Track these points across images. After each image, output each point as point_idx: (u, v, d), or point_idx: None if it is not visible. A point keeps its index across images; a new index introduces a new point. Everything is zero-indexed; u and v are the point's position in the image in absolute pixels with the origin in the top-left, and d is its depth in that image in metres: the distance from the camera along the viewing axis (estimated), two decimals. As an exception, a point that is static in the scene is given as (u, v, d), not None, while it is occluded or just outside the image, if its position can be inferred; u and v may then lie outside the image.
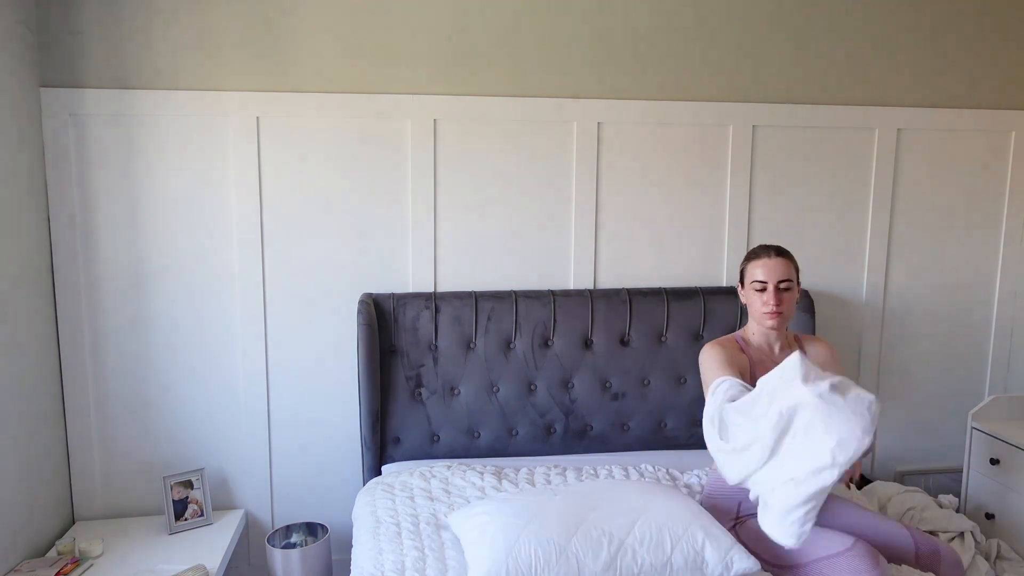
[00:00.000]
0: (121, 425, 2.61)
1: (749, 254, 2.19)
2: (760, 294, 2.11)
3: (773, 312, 2.09)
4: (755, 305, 2.13)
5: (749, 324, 2.21)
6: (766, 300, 2.09)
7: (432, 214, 2.67)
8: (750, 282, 2.13)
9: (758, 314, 2.12)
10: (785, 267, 2.11)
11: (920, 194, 2.95)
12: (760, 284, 2.10)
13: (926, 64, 2.88)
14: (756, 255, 2.15)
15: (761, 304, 2.10)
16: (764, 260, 2.12)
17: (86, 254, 2.53)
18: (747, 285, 2.15)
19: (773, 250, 2.14)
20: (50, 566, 2.21)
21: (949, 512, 2.56)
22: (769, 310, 2.09)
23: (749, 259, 2.17)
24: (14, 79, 2.29)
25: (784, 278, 2.10)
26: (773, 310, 2.09)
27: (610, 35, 2.68)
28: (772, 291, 2.09)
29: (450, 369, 2.61)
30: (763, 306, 2.10)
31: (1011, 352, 3.10)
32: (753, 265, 2.14)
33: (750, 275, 2.14)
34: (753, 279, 2.12)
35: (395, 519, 2.16)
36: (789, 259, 2.14)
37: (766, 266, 2.11)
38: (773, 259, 2.11)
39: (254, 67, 2.53)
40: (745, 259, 2.20)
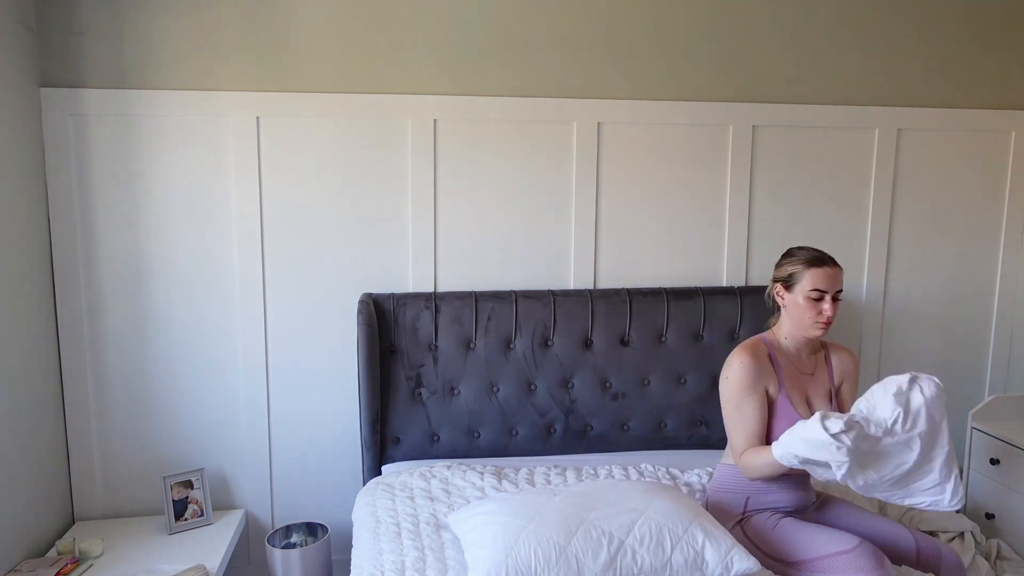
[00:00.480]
0: (121, 425, 2.61)
1: (805, 258, 2.06)
2: (815, 303, 2.02)
3: (826, 323, 2.03)
4: (805, 312, 2.04)
5: (782, 327, 2.12)
6: (823, 310, 2.02)
7: (432, 214, 2.67)
8: (808, 289, 2.02)
9: (807, 323, 2.04)
10: (841, 277, 2.05)
11: (920, 194, 2.95)
12: (819, 293, 2.02)
13: (926, 64, 2.88)
14: (818, 262, 2.04)
15: (816, 314, 2.02)
16: (826, 269, 2.03)
17: (86, 254, 2.53)
18: (797, 290, 2.05)
19: (831, 258, 2.06)
20: (50, 566, 2.21)
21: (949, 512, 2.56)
22: (824, 320, 2.02)
23: (806, 264, 2.04)
24: (14, 79, 2.29)
25: (840, 288, 2.05)
26: (828, 320, 2.02)
27: (610, 35, 2.69)
28: (830, 302, 2.02)
29: (450, 369, 2.61)
30: (818, 316, 2.02)
31: (1011, 352, 3.10)
32: (814, 272, 2.03)
33: (807, 282, 2.03)
34: (813, 287, 2.02)
35: (395, 519, 2.16)
36: (842, 269, 2.08)
37: (828, 275, 2.03)
38: (834, 268, 2.04)
39: (254, 67, 2.53)
40: (796, 261, 2.08)
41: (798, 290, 2.05)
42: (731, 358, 2.08)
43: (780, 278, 2.11)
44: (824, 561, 1.84)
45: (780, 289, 2.10)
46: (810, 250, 2.09)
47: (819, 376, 2.14)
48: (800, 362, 2.13)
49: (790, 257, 2.11)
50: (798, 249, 2.12)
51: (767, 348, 2.11)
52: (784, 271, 2.10)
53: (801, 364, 2.13)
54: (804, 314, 2.04)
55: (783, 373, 2.08)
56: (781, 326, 2.14)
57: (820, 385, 2.13)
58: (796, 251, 2.12)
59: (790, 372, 2.10)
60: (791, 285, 2.07)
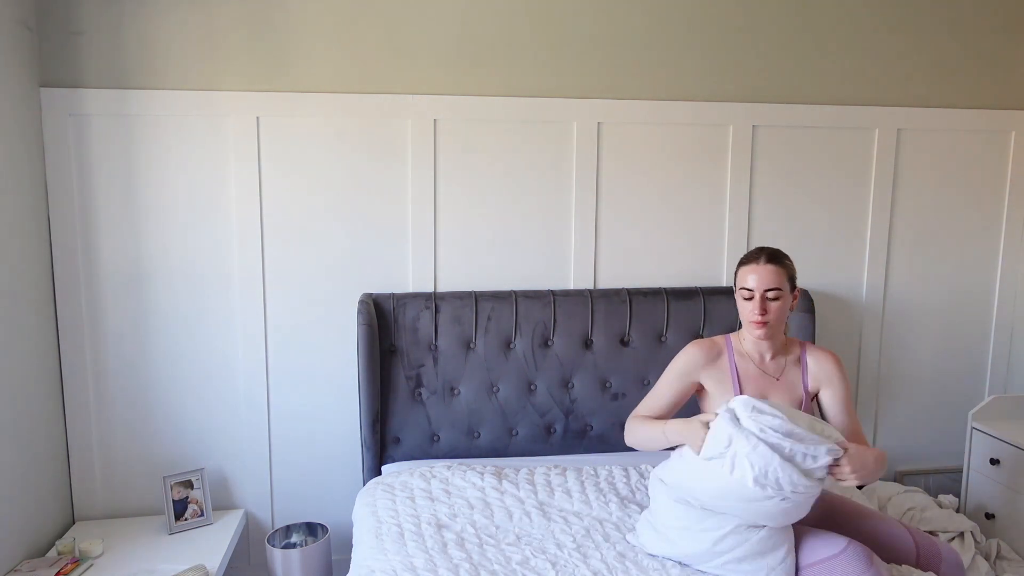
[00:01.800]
0: (121, 425, 2.61)
1: (742, 258, 2.08)
2: (747, 302, 2.02)
3: (759, 322, 2.00)
4: (743, 312, 2.04)
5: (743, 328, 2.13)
6: (752, 309, 2.00)
7: (432, 214, 2.67)
8: (739, 288, 2.05)
9: (746, 322, 2.05)
10: (775, 275, 2.00)
11: (920, 194, 2.95)
12: (747, 292, 2.01)
13: (926, 64, 2.88)
14: (746, 260, 2.04)
15: (748, 312, 2.02)
16: (753, 267, 2.01)
17: (86, 254, 2.53)
18: (737, 289, 2.06)
19: (765, 255, 2.02)
20: (50, 566, 2.21)
21: (949, 512, 2.56)
22: (755, 319, 2.00)
23: (740, 263, 2.07)
24: (14, 79, 2.29)
25: (772, 286, 1.99)
26: (759, 319, 2.00)
27: (610, 35, 2.69)
28: (759, 300, 1.99)
29: (450, 369, 2.61)
30: (750, 314, 2.01)
31: (1011, 352, 3.10)
32: (743, 271, 2.04)
33: (739, 281, 2.05)
34: (741, 286, 2.03)
35: (396, 520, 2.16)
36: (781, 266, 2.01)
37: (755, 273, 2.00)
38: (762, 266, 2.00)
39: (254, 67, 2.53)
40: (738, 262, 2.10)
41: (737, 289, 2.07)
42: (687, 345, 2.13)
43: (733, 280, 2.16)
44: (813, 568, 1.83)
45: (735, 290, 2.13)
46: (755, 249, 2.08)
47: (787, 381, 2.08)
48: (763, 365, 2.09)
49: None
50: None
51: (725, 346, 2.11)
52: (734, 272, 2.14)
53: (765, 367, 2.09)
54: (743, 313, 2.05)
55: (740, 374, 2.06)
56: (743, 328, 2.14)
57: (787, 390, 2.07)
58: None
59: (749, 374, 2.06)
60: (734, 286, 2.10)
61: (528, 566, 1.93)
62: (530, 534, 2.10)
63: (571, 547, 2.01)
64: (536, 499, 2.28)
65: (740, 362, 2.08)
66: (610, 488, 2.35)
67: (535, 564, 1.93)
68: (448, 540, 2.05)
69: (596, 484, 2.37)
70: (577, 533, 2.09)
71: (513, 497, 2.29)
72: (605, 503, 2.26)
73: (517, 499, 2.28)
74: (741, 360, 2.09)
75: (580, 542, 2.04)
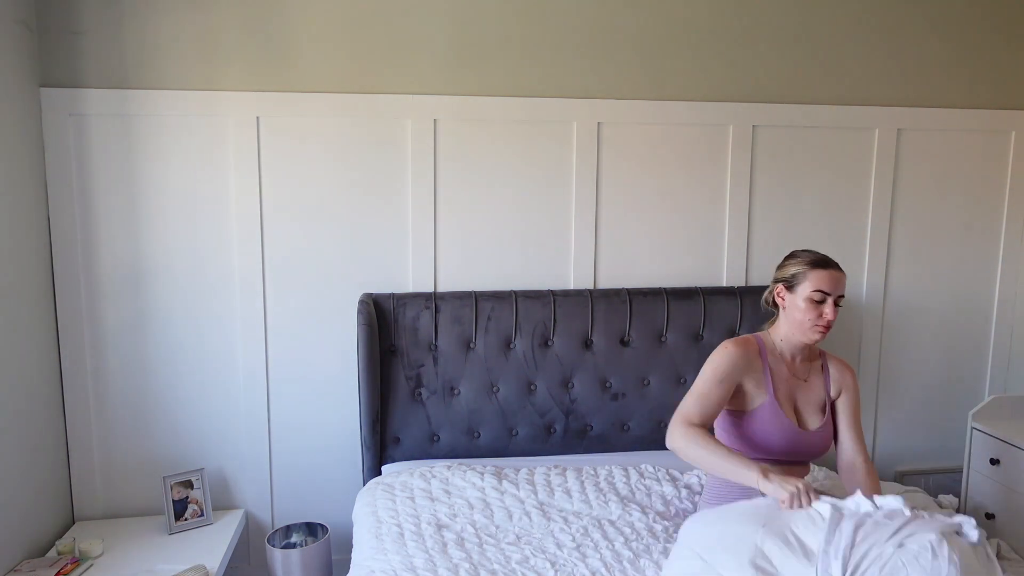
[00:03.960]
0: (121, 425, 2.61)
1: (808, 260, 2.03)
2: (817, 305, 1.99)
3: (826, 326, 2.00)
4: (804, 315, 2.00)
5: (779, 328, 2.09)
6: (824, 313, 1.98)
7: (432, 214, 2.67)
8: (811, 290, 1.99)
9: (806, 325, 2.01)
10: (844, 282, 2.03)
11: (920, 194, 2.95)
12: (821, 295, 1.99)
13: (926, 64, 2.88)
14: (823, 263, 2.00)
15: (816, 316, 1.99)
16: (831, 272, 2.00)
17: (86, 254, 2.53)
18: (799, 291, 2.01)
19: (835, 263, 2.04)
20: (50, 566, 2.21)
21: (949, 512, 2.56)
22: (824, 323, 1.99)
23: (811, 265, 2.01)
24: (14, 79, 2.29)
25: (842, 293, 2.02)
26: (828, 323, 1.99)
27: (610, 35, 2.68)
28: (832, 305, 1.99)
29: (450, 369, 2.61)
30: (818, 319, 1.99)
31: (1011, 352, 3.10)
32: (818, 274, 2.00)
33: (810, 283, 2.00)
34: (816, 288, 1.99)
35: (396, 520, 2.16)
36: (845, 274, 2.05)
37: (832, 278, 1.99)
38: (838, 272, 2.01)
39: (254, 67, 2.53)
40: (799, 262, 2.03)
41: (800, 291, 2.01)
42: (721, 345, 2.06)
43: (783, 278, 2.07)
44: None
45: (781, 290, 2.06)
46: (814, 253, 2.06)
47: (813, 384, 2.11)
48: (793, 367, 2.09)
49: (794, 258, 2.08)
50: (802, 251, 2.09)
51: (759, 346, 2.08)
52: (787, 271, 2.06)
53: (795, 369, 2.09)
54: (804, 316, 2.00)
55: (773, 375, 2.05)
56: (777, 329, 2.11)
57: (813, 393, 2.10)
58: (800, 253, 2.09)
59: (781, 375, 2.06)
60: (793, 286, 2.03)
61: (528, 565, 1.93)
62: (530, 534, 2.10)
63: (571, 547, 2.01)
64: (536, 499, 2.28)
65: (773, 362, 2.07)
66: (610, 488, 2.35)
67: (535, 564, 1.93)
68: (448, 540, 2.05)
69: (596, 484, 2.37)
70: (577, 533, 2.09)
71: (513, 497, 2.29)
72: (605, 503, 2.26)
73: (517, 499, 2.28)
74: (773, 360, 2.08)
75: (580, 541, 2.04)
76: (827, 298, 1.99)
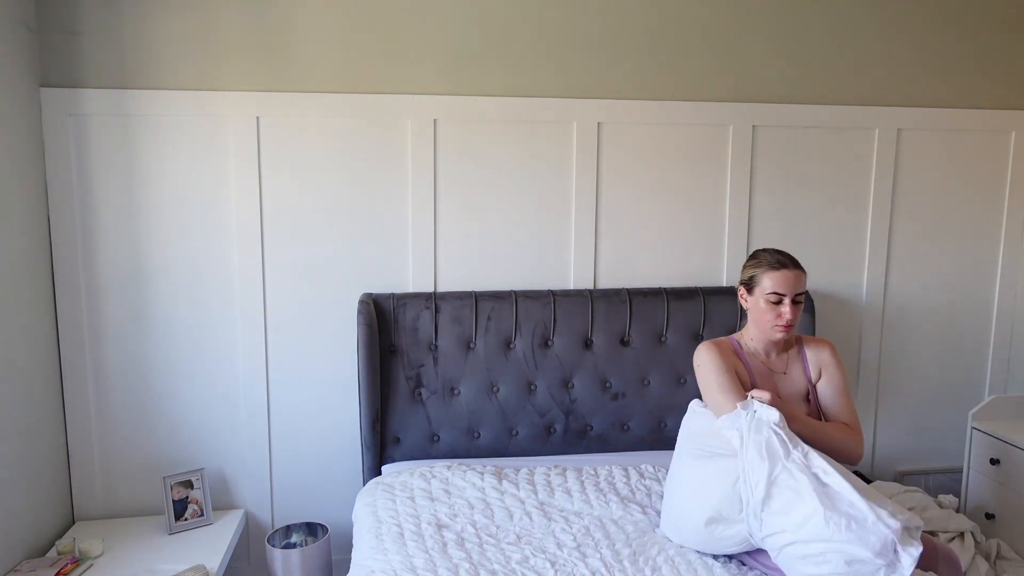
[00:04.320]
0: (121, 425, 2.61)
1: (765, 261, 2.08)
2: (774, 306, 2.04)
3: (786, 326, 2.04)
4: (765, 315, 2.06)
5: (748, 329, 2.16)
6: (781, 313, 2.03)
7: (432, 214, 2.67)
8: (766, 292, 2.04)
9: (767, 325, 2.06)
10: (802, 281, 2.06)
11: (920, 194, 2.95)
12: (777, 296, 2.04)
13: (926, 64, 2.88)
14: (777, 265, 2.05)
15: (775, 316, 2.04)
16: (784, 272, 2.04)
17: (86, 254, 2.53)
18: (757, 292, 2.07)
19: (791, 261, 2.07)
20: (50, 566, 2.21)
21: (949, 512, 2.56)
22: (784, 323, 2.04)
23: (766, 267, 2.06)
24: (14, 79, 2.29)
25: (801, 291, 2.05)
26: (788, 323, 2.04)
27: (610, 35, 2.68)
28: (789, 305, 2.03)
29: (450, 369, 2.61)
30: (777, 319, 2.04)
31: (1011, 352, 3.10)
32: (771, 275, 2.05)
33: (766, 285, 2.05)
34: (771, 290, 2.04)
35: (396, 520, 2.16)
36: (804, 272, 2.09)
37: (786, 279, 2.04)
38: (793, 271, 2.04)
39: (254, 67, 2.53)
40: (756, 264, 2.10)
41: (758, 292, 2.07)
42: (697, 351, 2.10)
43: (743, 280, 2.13)
44: None
45: (743, 292, 2.13)
46: (773, 253, 2.10)
47: (793, 374, 2.15)
48: (770, 362, 2.14)
49: (753, 259, 2.13)
50: (762, 251, 2.14)
51: (733, 346, 2.14)
52: (746, 273, 2.12)
53: (771, 363, 2.14)
54: (764, 316, 2.06)
55: (752, 374, 2.09)
56: (748, 328, 2.16)
57: (794, 384, 2.14)
58: (759, 253, 2.13)
59: (760, 372, 2.11)
60: (752, 288, 2.09)
61: (528, 565, 1.93)
62: (530, 534, 2.10)
63: (571, 546, 2.01)
64: (536, 499, 2.28)
65: (750, 360, 2.12)
66: (610, 488, 2.35)
67: (535, 563, 1.93)
68: (448, 540, 2.05)
69: (596, 484, 2.37)
70: (577, 532, 2.09)
71: (513, 497, 2.29)
72: (605, 503, 2.26)
73: (517, 499, 2.28)
74: (750, 358, 2.13)
75: (580, 541, 2.04)
76: (783, 299, 2.04)
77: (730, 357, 2.09)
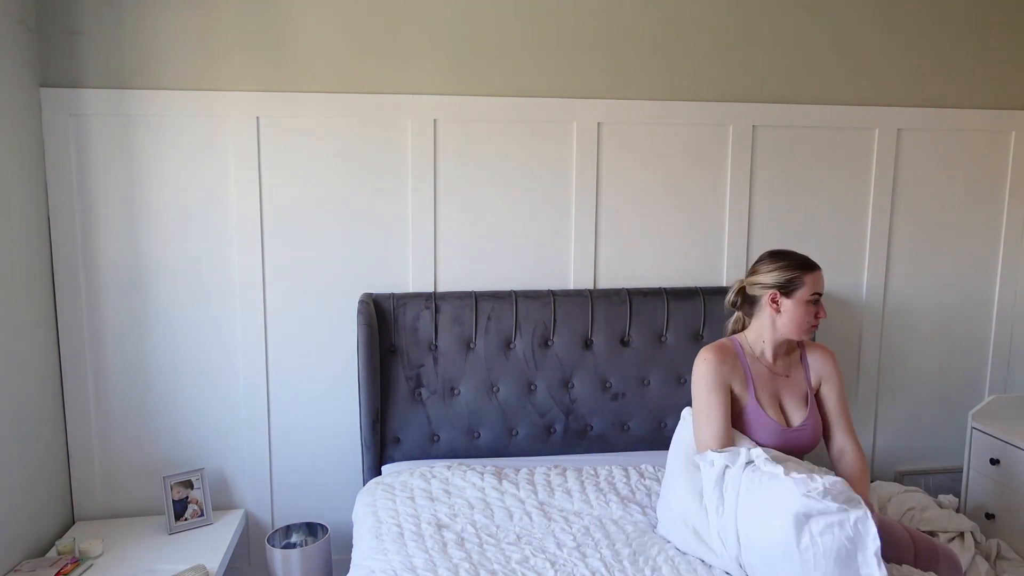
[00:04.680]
0: (121, 425, 2.61)
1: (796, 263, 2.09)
2: (813, 306, 2.07)
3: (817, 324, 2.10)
4: (805, 316, 2.07)
5: (760, 330, 2.13)
6: (818, 312, 2.08)
7: (432, 214, 2.67)
8: (809, 294, 2.06)
9: (802, 326, 2.07)
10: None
11: (920, 194, 2.95)
12: (817, 296, 2.07)
13: (926, 64, 2.88)
14: (812, 266, 2.09)
15: (811, 317, 2.08)
16: (818, 272, 2.09)
17: (86, 254, 2.53)
18: (798, 295, 2.06)
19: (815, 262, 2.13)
20: (50, 566, 2.21)
21: (949, 512, 2.56)
22: (816, 322, 2.09)
23: (801, 269, 2.07)
24: (14, 79, 2.29)
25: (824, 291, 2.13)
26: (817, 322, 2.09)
27: (610, 35, 2.68)
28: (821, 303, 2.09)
29: (450, 369, 2.61)
30: (811, 319, 2.08)
31: (1011, 352, 3.10)
32: (811, 277, 2.07)
33: (808, 287, 2.06)
34: (814, 291, 2.07)
35: (396, 520, 2.16)
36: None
37: (820, 278, 2.09)
38: (820, 272, 2.10)
39: (254, 67, 2.53)
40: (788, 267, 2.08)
41: (799, 295, 2.06)
42: (698, 356, 2.10)
43: (777, 284, 2.08)
44: None
45: (776, 295, 2.08)
46: (791, 254, 2.12)
47: (795, 378, 2.16)
48: (773, 365, 2.14)
49: (778, 262, 2.10)
50: (780, 253, 2.13)
51: (736, 350, 2.13)
52: (781, 277, 2.08)
53: (775, 367, 2.14)
54: (804, 317, 2.07)
55: (753, 376, 2.09)
56: (756, 330, 2.14)
57: (795, 387, 2.14)
58: (780, 256, 2.12)
59: (761, 375, 2.11)
60: (791, 291, 2.07)
61: (528, 565, 1.93)
62: (530, 534, 2.10)
63: (571, 546, 2.01)
64: (536, 499, 2.28)
65: (752, 364, 2.12)
66: (610, 488, 2.35)
67: (535, 563, 1.93)
68: (448, 540, 2.05)
69: (596, 484, 2.37)
70: (577, 532, 2.09)
71: (513, 497, 2.29)
72: (605, 503, 2.26)
73: (517, 499, 2.28)
74: (752, 362, 2.12)
75: (580, 541, 2.04)
76: (819, 298, 2.08)
77: (732, 364, 2.08)
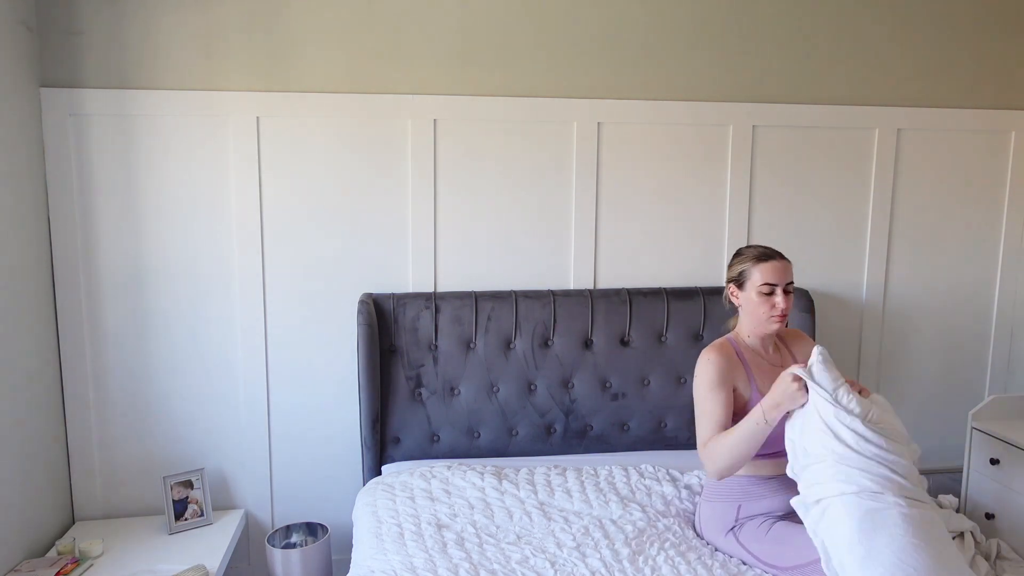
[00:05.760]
0: (121, 425, 2.61)
1: (750, 255, 2.11)
2: (768, 297, 2.06)
3: (781, 315, 2.06)
4: (759, 308, 2.07)
5: (743, 327, 2.16)
6: (776, 303, 2.06)
7: (432, 214, 2.67)
8: (759, 284, 2.06)
9: (762, 318, 2.08)
10: (790, 270, 2.09)
11: (920, 194, 2.95)
12: (769, 287, 2.05)
13: (926, 64, 2.88)
14: (764, 257, 2.09)
15: (769, 308, 2.06)
16: (772, 263, 2.07)
17: (86, 254, 2.53)
18: (748, 287, 2.09)
19: (776, 252, 2.11)
20: (50, 566, 2.21)
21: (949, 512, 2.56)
22: (778, 313, 2.06)
23: (753, 260, 2.09)
24: (14, 79, 2.29)
25: (790, 280, 2.08)
26: (782, 313, 2.06)
27: (610, 35, 2.68)
28: (782, 294, 2.06)
29: (450, 369, 2.61)
30: (771, 309, 2.06)
31: (1011, 352, 3.10)
32: (760, 267, 2.07)
33: (756, 277, 2.07)
34: (762, 281, 2.06)
35: (396, 520, 2.16)
36: (790, 262, 2.12)
37: (774, 268, 2.06)
38: (780, 261, 2.08)
39: (254, 67, 2.53)
40: (742, 260, 2.12)
41: (749, 287, 2.09)
42: (700, 357, 2.11)
43: (732, 278, 2.15)
44: (818, 564, 1.84)
45: (734, 289, 2.14)
46: (757, 247, 2.14)
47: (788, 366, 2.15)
48: (768, 356, 2.16)
49: (739, 256, 2.15)
50: (746, 248, 2.17)
51: (733, 347, 2.14)
52: (735, 270, 2.14)
53: (770, 357, 2.16)
54: (758, 310, 2.08)
55: (752, 370, 2.10)
56: (742, 326, 2.17)
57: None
58: (744, 250, 2.16)
59: (760, 368, 2.11)
60: (743, 283, 2.11)
61: (528, 565, 1.93)
62: (530, 533, 2.10)
63: (571, 546, 2.01)
64: (536, 499, 2.28)
65: (750, 358, 2.13)
66: (610, 488, 2.35)
67: (535, 563, 1.94)
68: (448, 540, 2.05)
69: (596, 484, 2.37)
70: (577, 532, 2.09)
71: (513, 497, 2.29)
72: (605, 503, 2.26)
73: (517, 499, 2.28)
74: (750, 356, 2.13)
75: (580, 541, 2.04)
76: (775, 288, 2.06)
77: (733, 362, 2.08)
